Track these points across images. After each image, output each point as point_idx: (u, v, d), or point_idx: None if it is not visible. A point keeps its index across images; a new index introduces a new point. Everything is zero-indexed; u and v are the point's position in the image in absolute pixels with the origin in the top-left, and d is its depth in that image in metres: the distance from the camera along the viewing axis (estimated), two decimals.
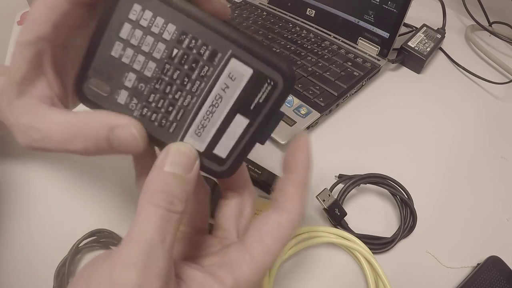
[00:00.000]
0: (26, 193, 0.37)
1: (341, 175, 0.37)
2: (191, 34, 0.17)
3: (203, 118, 0.18)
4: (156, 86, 0.18)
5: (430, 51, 0.52)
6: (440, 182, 0.39)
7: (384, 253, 0.33)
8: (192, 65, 0.17)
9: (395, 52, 0.53)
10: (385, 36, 0.50)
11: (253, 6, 0.64)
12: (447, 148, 0.42)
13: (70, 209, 0.36)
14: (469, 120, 0.46)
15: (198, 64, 0.17)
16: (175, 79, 0.18)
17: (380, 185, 0.36)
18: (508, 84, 0.50)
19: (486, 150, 0.42)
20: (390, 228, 0.34)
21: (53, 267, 0.31)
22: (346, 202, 0.36)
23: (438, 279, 0.31)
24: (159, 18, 0.17)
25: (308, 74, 0.48)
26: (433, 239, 0.34)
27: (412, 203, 0.35)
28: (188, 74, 0.17)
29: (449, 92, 0.50)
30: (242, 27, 0.58)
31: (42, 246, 0.33)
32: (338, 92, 0.45)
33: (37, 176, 0.39)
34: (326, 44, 0.54)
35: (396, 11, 0.48)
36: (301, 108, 0.43)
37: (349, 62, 0.50)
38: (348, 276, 0.31)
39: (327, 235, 0.32)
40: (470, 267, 0.32)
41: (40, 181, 0.38)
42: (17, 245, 0.33)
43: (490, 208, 0.37)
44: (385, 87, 0.51)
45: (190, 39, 0.17)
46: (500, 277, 0.31)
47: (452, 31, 0.60)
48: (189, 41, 0.17)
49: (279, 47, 0.53)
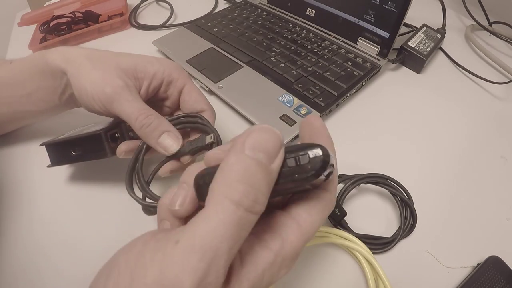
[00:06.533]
0: (27, 192, 0.37)
1: (341, 175, 0.37)
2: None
3: None
4: None
5: (430, 51, 0.52)
6: (440, 182, 0.39)
7: (384, 253, 0.33)
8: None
9: (395, 52, 0.53)
10: (385, 36, 0.50)
11: (253, 6, 0.64)
12: (447, 148, 0.42)
13: (71, 208, 0.36)
14: (469, 120, 0.46)
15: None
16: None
17: (380, 185, 0.36)
18: (508, 84, 0.50)
19: (486, 150, 0.42)
20: (390, 228, 0.34)
21: (55, 266, 0.31)
22: (346, 202, 0.36)
23: (438, 279, 0.31)
24: None
25: (308, 74, 0.48)
26: (433, 239, 0.34)
27: (412, 203, 0.35)
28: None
29: (449, 92, 0.50)
30: (242, 27, 0.58)
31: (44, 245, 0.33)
32: (338, 92, 0.45)
33: (38, 175, 0.39)
34: (326, 44, 0.54)
35: (396, 11, 0.48)
36: (301, 108, 0.43)
37: (349, 62, 0.50)
38: (348, 276, 0.31)
39: (327, 235, 0.32)
40: (470, 267, 0.32)
41: (40, 180, 0.38)
42: (19, 243, 0.33)
43: (490, 208, 0.37)
44: (385, 87, 0.51)
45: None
46: (500, 277, 0.31)
47: (452, 31, 0.60)
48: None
49: (279, 47, 0.53)
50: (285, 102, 0.44)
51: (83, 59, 0.32)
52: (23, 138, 0.42)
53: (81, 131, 0.34)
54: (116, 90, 0.31)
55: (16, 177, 0.38)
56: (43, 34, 0.59)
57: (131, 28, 0.64)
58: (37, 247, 0.33)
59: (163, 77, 0.34)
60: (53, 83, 0.34)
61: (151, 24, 0.63)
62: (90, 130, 0.33)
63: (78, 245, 0.33)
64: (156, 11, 0.68)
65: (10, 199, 0.36)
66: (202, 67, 0.50)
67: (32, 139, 0.42)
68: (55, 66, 0.33)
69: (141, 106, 0.31)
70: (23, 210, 0.36)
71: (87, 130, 0.34)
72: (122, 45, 0.58)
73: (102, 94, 0.31)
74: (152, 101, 0.35)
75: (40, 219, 0.35)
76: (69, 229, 0.34)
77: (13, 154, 0.41)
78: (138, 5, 0.69)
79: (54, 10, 0.65)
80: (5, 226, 0.34)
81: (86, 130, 0.34)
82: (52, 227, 0.34)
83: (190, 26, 0.59)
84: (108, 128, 0.32)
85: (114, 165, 0.36)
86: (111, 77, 0.31)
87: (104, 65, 0.32)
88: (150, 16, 0.67)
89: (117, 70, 0.32)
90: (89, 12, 0.62)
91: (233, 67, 0.50)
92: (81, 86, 0.32)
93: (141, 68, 0.33)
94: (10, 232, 0.34)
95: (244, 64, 0.50)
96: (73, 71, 0.32)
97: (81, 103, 0.33)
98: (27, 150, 0.41)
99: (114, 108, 0.31)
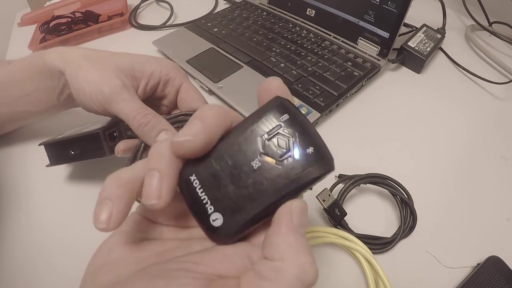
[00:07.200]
0: (25, 192, 0.37)
1: (341, 175, 0.37)
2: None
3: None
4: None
5: (430, 51, 0.52)
6: (440, 182, 0.39)
7: (384, 253, 0.33)
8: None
9: (395, 52, 0.53)
10: (385, 36, 0.50)
11: (253, 6, 0.64)
12: (447, 148, 0.42)
13: (69, 207, 0.36)
14: (469, 120, 0.46)
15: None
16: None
17: (380, 185, 0.36)
18: (508, 84, 0.50)
19: (486, 150, 0.42)
20: (390, 228, 0.34)
21: (53, 265, 0.31)
22: (346, 202, 0.36)
23: (438, 279, 0.31)
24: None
25: (308, 74, 0.48)
26: (433, 239, 0.34)
27: (412, 203, 0.35)
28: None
29: (449, 92, 0.50)
30: (242, 27, 0.58)
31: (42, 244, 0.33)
32: (338, 92, 0.45)
33: (36, 175, 0.39)
34: (326, 44, 0.54)
35: (396, 11, 0.48)
36: (301, 108, 0.43)
37: (349, 62, 0.50)
38: (348, 276, 0.31)
39: (327, 235, 0.32)
40: (470, 267, 0.32)
41: (39, 180, 0.38)
42: (18, 243, 0.33)
43: (490, 208, 0.37)
44: (385, 87, 0.51)
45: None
46: (500, 277, 0.31)
47: (452, 31, 0.60)
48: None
49: (279, 47, 0.53)
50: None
51: (81, 59, 0.32)
52: (21, 138, 0.42)
53: (80, 131, 0.34)
54: (114, 90, 0.31)
55: (14, 176, 0.39)
56: (43, 34, 0.59)
57: (131, 28, 0.64)
58: (35, 247, 0.33)
59: (160, 76, 0.34)
60: (51, 84, 0.34)
61: (151, 24, 0.63)
62: (88, 129, 0.33)
63: (77, 245, 0.33)
64: (156, 11, 0.68)
65: (9, 198, 0.36)
66: (202, 67, 0.50)
67: (31, 139, 0.42)
68: (53, 67, 0.33)
69: (139, 105, 0.31)
70: (22, 210, 0.36)
71: (85, 130, 0.34)
72: (122, 45, 0.58)
73: (100, 94, 0.31)
74: (150, 101, 0.35)
75: (39, 218, 0.35)
76: (67, 228, 0.34)
77: (11, 154, 0.41)
78: (138, 5, 0.69)
79: (54, 10, 0.65)
80: (3, 225, 0.34)
81: (85, 129, 0.34)
82: (51, 226, 0.34)
83: (190, 26, 0.59)
84: (106, 127, 0.33)
85: (112, 164, 0.35)
86: (109, 77, 0.31)
87: (102, 65, 0.32)
88: (150, 16, 0.67)
89: (115, 70, 0.32)
90: (89, 12, 0.62)
91: (233, 67, 0.50)
92: (79, 86, 0.32)
93: (138, 68, 0.33)
94: (9, 232, 0.34)
95: (244, 64, 0.50)
96: (71, 71, 0.32)
97: (79, 103, 0.34)
98: (25, 150, 0.41)
99: (112, 107, 0.31)
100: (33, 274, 0.31)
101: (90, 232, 0.33)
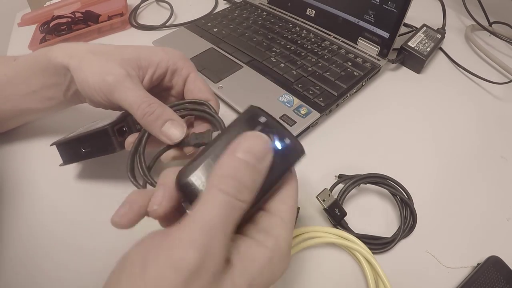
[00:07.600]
0: (29, 190, 0.37)
1: (341, 175, 0.37)
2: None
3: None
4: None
5: (430, 51, 0.52)
6: (440, 182, 0.39)
7: (384, 253, 0.33)
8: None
9: (395, 52, 0.53)
10: (385, 36, 0.50)
11: (253, 6, 0.64)
12: (447, 148, 0.42)
13: (74, 205, 0.36)
14: (469, 120, 0.46)
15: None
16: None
17: (380, 185, 0.36)
18: (508, 84, 0.50)
19: (486, 150, 0.42)
20: (390, 228, 0.34)
21: (56, 264, 0.31)
22: (346, 202, 0.36)
23: (438, 279, 0.31)
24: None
25: (308, 74, 0.48)
26: (433, 239, 0.34)
27: (412, 203, 0.35)
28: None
29: (449, 92, 0.50)
30: (242, 27, 0.58)
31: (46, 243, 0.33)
32: (338, 92, 0.45)
33: (40, 173, 0.39)
34: (326, 44, 0.54)
35: (396, 11, 0.48)
36: (301, 108, 0.43)
37: (349, 62, 0.50)
38: (348, 276, 0.31)
39: (327, 235, 0.32)
40: (470, 267, 0.32)
41: (43, 178, 0.38)
42: (21, 242, 0.33)
43: (490, 208, 0.37)
44: (385, 87, 0.51)
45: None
46: (500, 277, 0.31)
47: (452, 31, 0.60)
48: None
49: (279, 47, 0.53)
50: (285, 102, 0.44)
51: (85, 53, 0.32)
52: (26, 136, 0.42)
53: (89, 128, 0.34)
54: (117, 78, 0.30)
55: (18, 174, 0.38)
56: (43, 34, 0.59)
57: (131, 28, 0.64)
58: (38, 245, 0.33)
59: (167, 66, 0.33)
60: (57, 80, 0.34)
61: (151, 24, 0.63)
62: (97, 126, 0.33)
63: (83, 243, 0.33)
64: (156, 11, 0.68)
65: (13, 196, 0.36)
66: (202, 67, 0.50)
67: (35, 137, 0.41)
68: (57, 63, 0.32)
69: (143, 94, 0.30)
70: (25, 208, 0.36)
71: (95, 126, 0.33)
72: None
73: (103, 83, 0.30)
74: (157, 91, 0.35)
75: (43, 217, 0.35)
76: (72, 227, 0.34)
77: (15, 152, 0.41)
78: (138, 5, 0.69)
79: (54, 10, 0.65)
80: (7, 223, 0.34)
81: (94, 126, 0.34)
82: (55, 225, 0.34)
83: (190, 26, 0.59)
84: (115, 123, 0.32)
85: (123, 160, 0.35)
86: (113, 66, 0.31)
87: (107, 56, 0.32)
88: (150, 16, 0.67)
89: (120, 60, 0.31)
90: (89, 12, 0.62)
91: (233, 67, 0.50)
92: (83, 79, 0.31)
93: (145, 57, 0.33)
94: (12, 230, 0.34)
95: (244, 64, 0.50)
96: (75, 65, 0.32)
97: (85, 97, 0.33)
98: (30, 147, 0.41)
99: (115, 97, 0.30)
100: (37, 273, 0.31)
101: (96, 231, 0.33)
